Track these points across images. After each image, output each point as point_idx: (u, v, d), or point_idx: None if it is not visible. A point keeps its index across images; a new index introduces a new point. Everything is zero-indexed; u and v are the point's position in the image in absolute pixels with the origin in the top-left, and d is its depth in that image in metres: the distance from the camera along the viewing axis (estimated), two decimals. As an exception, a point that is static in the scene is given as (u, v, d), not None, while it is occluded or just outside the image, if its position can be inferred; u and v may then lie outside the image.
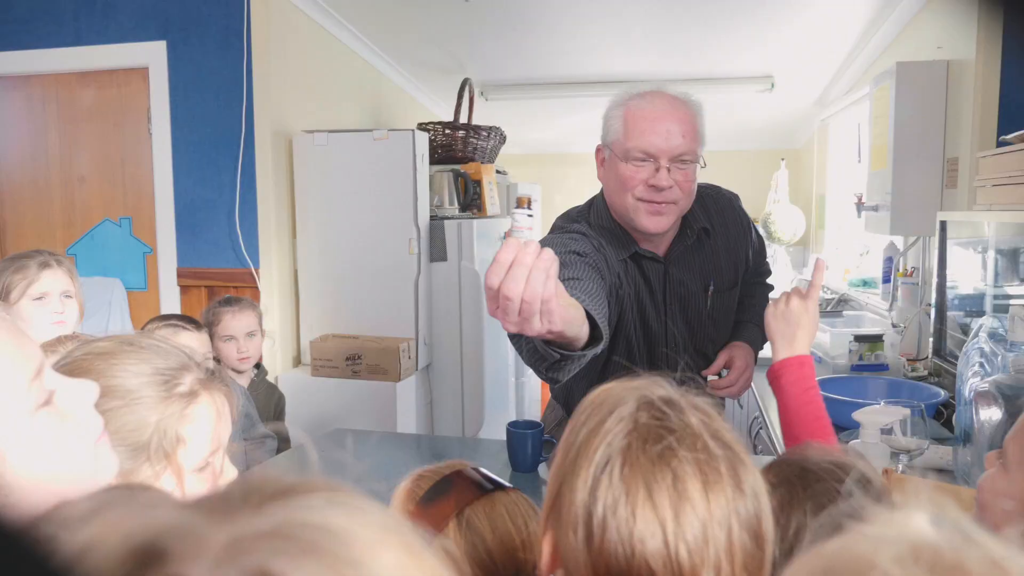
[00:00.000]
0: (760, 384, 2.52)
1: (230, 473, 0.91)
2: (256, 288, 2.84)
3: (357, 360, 2.71)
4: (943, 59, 2.51)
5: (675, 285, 1.62)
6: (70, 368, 0.79)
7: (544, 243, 1.54)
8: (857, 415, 1.31)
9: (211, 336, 1.96)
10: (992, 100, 2.24)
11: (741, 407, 2.90)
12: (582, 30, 3.41)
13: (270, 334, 2.30)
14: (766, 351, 1.89)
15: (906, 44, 2.95)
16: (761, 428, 2.32)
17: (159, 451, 0.81)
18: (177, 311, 2.95)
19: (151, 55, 2.88)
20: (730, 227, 1.69)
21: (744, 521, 0.57)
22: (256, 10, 2.77)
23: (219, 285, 2.90)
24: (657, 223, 1.49)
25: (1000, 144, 1.99)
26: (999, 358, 1.41)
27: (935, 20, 2.64)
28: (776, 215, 4.52)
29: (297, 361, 3.02)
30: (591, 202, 1.67)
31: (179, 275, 2.95)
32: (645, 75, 4.09)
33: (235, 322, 2.07)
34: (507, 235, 1.00)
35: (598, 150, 1.59)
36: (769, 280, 1.92)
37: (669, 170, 1.45)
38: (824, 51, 3.60)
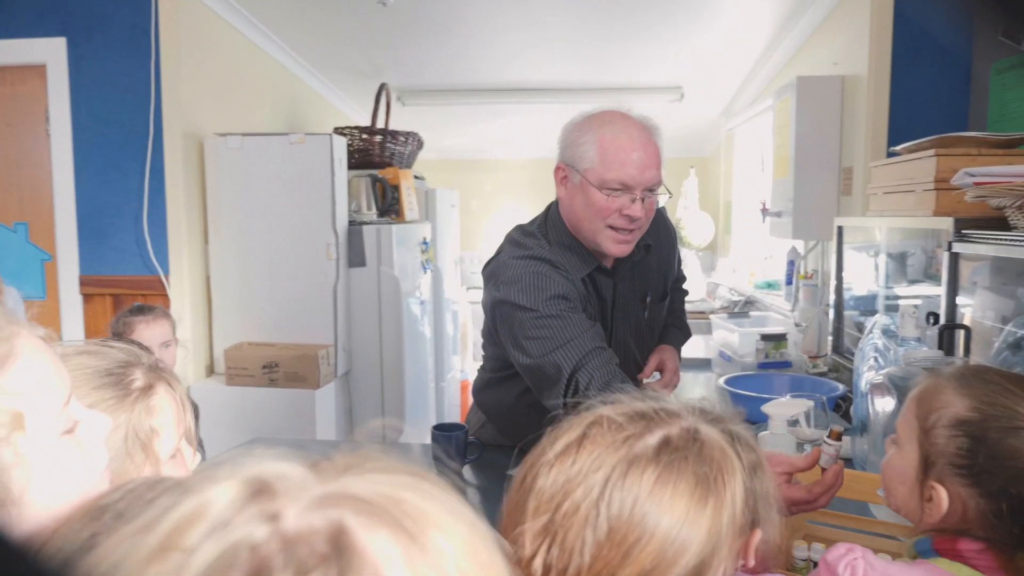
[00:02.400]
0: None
1: (196, 457, 0.93)
2: (166, 296, 2.74)
3: (274, 368, 2.66)
4: (839, 74, 2.67)
5: (621, 298, 1.67)
6: None
7: (509, 268, 1.52)
8: (766, 408, 1.39)
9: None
10: (883, 113, 2.40)
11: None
12: (500, 38, 3.45)
13: (183, 343, 2.23)
14: (690, 350, 1.98)
15: (805, 59, 3.13)
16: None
17: (136, 445, 0.83)
18: (80, 320, 2.82)
19: (49, 52, 2.74)
20: (662, 240, 1.75)
21: (613, 494, 0.61)
22: (164, 8, 2.68)
23: (126, 293, 2.79)
24: (623, 249, 1.54)
25: (890, 155, 2.14)
26: (891, 352, 1.52)
27: (831, 38, 2.81)
28: (686, 221, 4.68)
29: (210, 370, 2.93)
30: (546, 216, 1.66)
31: (82, 283, 2.82)
32: (561, 84, 4.17)
33: (149, 331, 1.99)
34: (818, 451, 1.10)
35: (559, 168, 1.58)
36: (684, 286, 2.00)
37: (643, 200, 1.49)
38: (730, 64, 3.77)
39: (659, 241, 1.73)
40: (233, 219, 2.83)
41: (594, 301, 1.61)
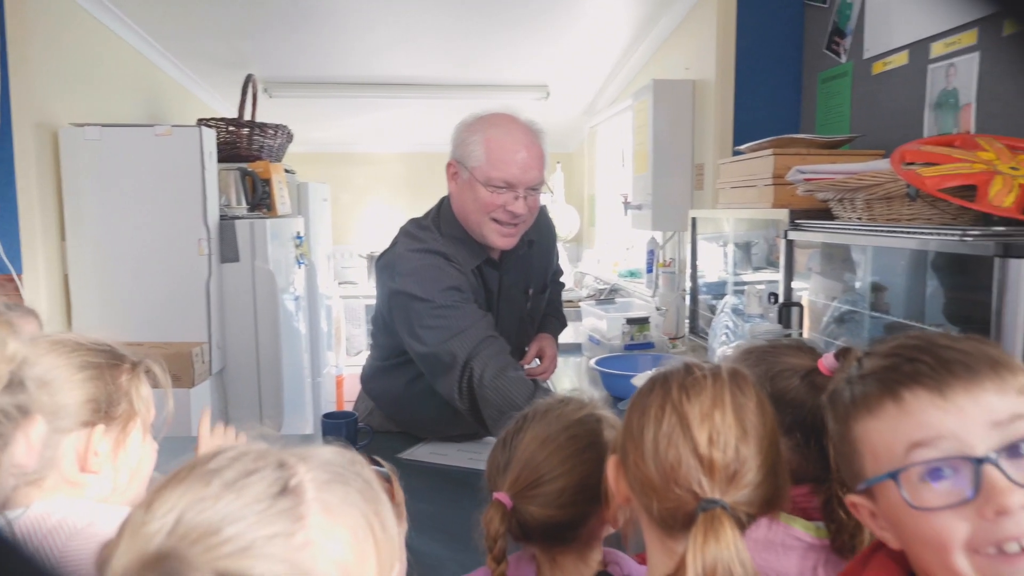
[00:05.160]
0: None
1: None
2: (20, 296, 2.58)
3: (145, 367, 2.57)
4: (690, 79, 2.91)
5: (506, 290, 1.77)
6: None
7: (406, 260, 1.59)
8: (635, 380, 1.54)
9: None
10: (728, 115, 2.65)
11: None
12: (370, 32, 3.47)
13: (46, 343, 2.12)
14: (562, 336, 2.12)
15: (660, 64, 3.37)
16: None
17: (141, 406, 0.96)
18: (-83, 324, 2.60)
19: None
20: (544, 235, 1.88)
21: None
22: (10, -10, 2.52)
23: (-28, 293, 2.60)
24: (508, 242, 1.65)
25: (735, 153, 2.37)
26: (739, 328, 1.72)
27: (683, 44, 3.05)
28: (553, 214, 4.88)
29: (70, 373, 2.78)
30: (439, 210, 1.74)
31: (-82, 284, 2.60)
32: (431, 80, 4.23)
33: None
34: None
35: (450, 165, 1.68)
36: (561, 279, 2.15)
37: (525, 198, 1.60)
38: (592, 65, 3.98)
39: (541, 237, 1.85)
40: (94, 214, 2.70)
41: (482, 292, 1.71)
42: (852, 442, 0.72)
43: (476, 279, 1.70)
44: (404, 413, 1.83)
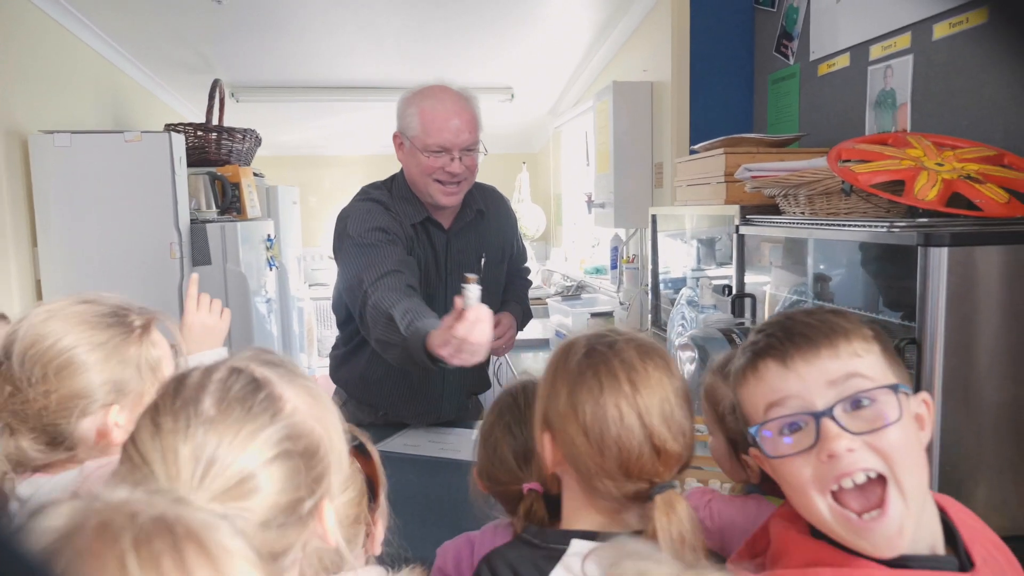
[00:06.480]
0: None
1: None
2: (-9, 302, 2.59)
3: (120, 370, 2.60)
4: (648, 81, 3.01)
5: (455, 254, 1.91)
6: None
7: (349, 208, 1.79)
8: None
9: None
10: (684, 116, 2.75)
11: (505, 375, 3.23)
12: (334, 36, 3.52)
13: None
14: (530, 332, 2.20)
15: (620, 66, 3.47)
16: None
17: (148, 372, 0.99)
18: None
19: None
20: (501, 215, 2.03)
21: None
22: (-25, -1, 2.53)
23: (-58, 301, 2.61)
24: (451, 200, 1.82)
25: (691, 152, 2.48)
26: (695, 319, 1.82)
27: (640, 47, 3.15)
28: (520, 213, 4.97)
29: (43, 378, 2.80)
30: (393, 177, 1.92)
31: None
32: (396, 82, 4.28)
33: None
34: (457, 302, 1.35)
35: (395, 136, 1.85)
36: (528, 277, 2.26)
37: (461, 158, 1.77)
38: (554, 67, 4.07)
39: (497, 213, 2.01)
40: (65, 220, 2.72)
41: (426, 248, 1.86)
42: (740, 407, 0.85)
43: (419, 234, 1.85)
44: (371, 395, 1.95)
